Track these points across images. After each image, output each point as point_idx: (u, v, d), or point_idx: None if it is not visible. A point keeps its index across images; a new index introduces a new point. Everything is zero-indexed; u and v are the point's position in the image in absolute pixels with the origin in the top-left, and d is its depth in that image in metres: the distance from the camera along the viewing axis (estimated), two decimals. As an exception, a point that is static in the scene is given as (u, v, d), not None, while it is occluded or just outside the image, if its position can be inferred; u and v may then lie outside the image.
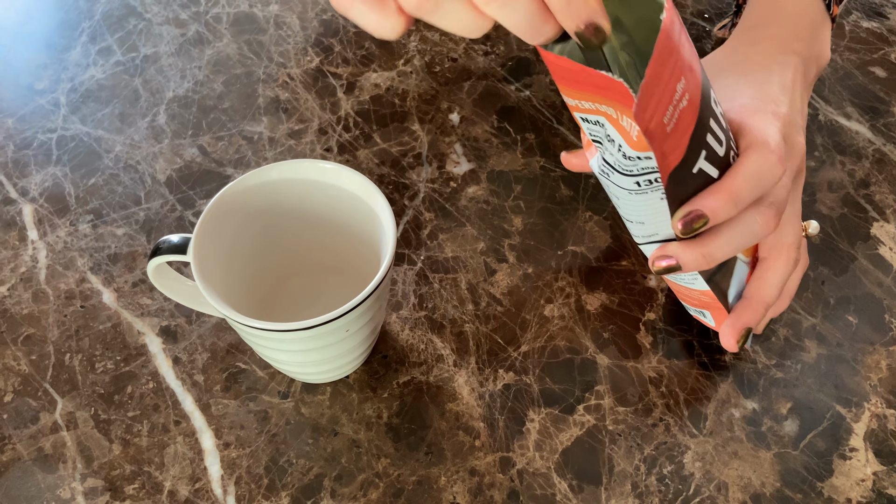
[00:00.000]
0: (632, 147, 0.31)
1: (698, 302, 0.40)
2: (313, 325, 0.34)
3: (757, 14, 0.47)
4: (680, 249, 0.35)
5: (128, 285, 0.46)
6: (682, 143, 0.31)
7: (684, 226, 0.33)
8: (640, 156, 0.31)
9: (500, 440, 0.41)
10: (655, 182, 0.33)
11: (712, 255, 0.35)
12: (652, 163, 0.32)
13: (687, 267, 0.35)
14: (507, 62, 0.58)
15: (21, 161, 0.52)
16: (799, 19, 0.46)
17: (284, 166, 0.38)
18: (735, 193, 0.33)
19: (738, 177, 0.34)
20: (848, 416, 0.42)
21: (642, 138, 0.30)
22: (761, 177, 0.34)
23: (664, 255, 0.35)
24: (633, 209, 0.36)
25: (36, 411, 0.42)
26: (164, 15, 0.61)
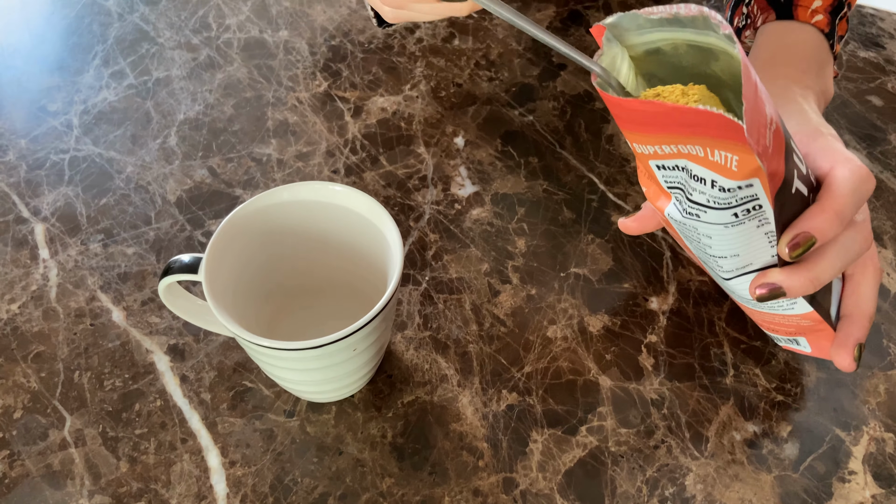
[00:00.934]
0: (731, 178, 0.31)
1: (794, 329, 0.40)
2: (321, 344, 0.34)
3: (766, 55, 0.48)
4: (784, 275, 0.35)
5: (137, 304, 0.47)
6: (781, 164, 0.31)
7: (792, 248, 0.33)
8: (740, 185, 0.31)
9: (503, 461, 0.41)
10: (755, 210, 0.33)
11: (819, 278, 0.35)
12: (753, 190, 0.32)
13: (793, 292, 0.35)
14: (510, 88, 0.59)
15: (34, 181, 0.53)
16: (807, 58, 0.47)
17: (294, 188, 0.39)
18: (839, 211, 0.34)
19: (839, 194, 0.34)
20: (847, 439, 0.42)
21: (745, 165, 0.30)
22: (859, 191, 0.35)
23: (767, 282, 0.35)
24: (728, 243, 0.35)
25: (45, 428, 0.42)
26: (176, 39, 0.62)
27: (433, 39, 0.63)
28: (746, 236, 0.34)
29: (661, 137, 0.31)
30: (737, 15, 0.54)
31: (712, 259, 0.37)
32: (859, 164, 0.36)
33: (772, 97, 0.43)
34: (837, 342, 0.38)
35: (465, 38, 0.63)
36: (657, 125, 0.30)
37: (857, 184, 0.35)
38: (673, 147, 0.32)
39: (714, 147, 0.30)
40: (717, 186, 0.32)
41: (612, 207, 0.52)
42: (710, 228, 0.35)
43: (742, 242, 0.35)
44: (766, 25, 0.50)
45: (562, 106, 0.58)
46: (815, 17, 0.48)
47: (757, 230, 0.34)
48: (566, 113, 0.58)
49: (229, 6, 0.65)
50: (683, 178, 0.33)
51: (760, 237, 0.34)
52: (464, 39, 0.63)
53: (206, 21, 0.64)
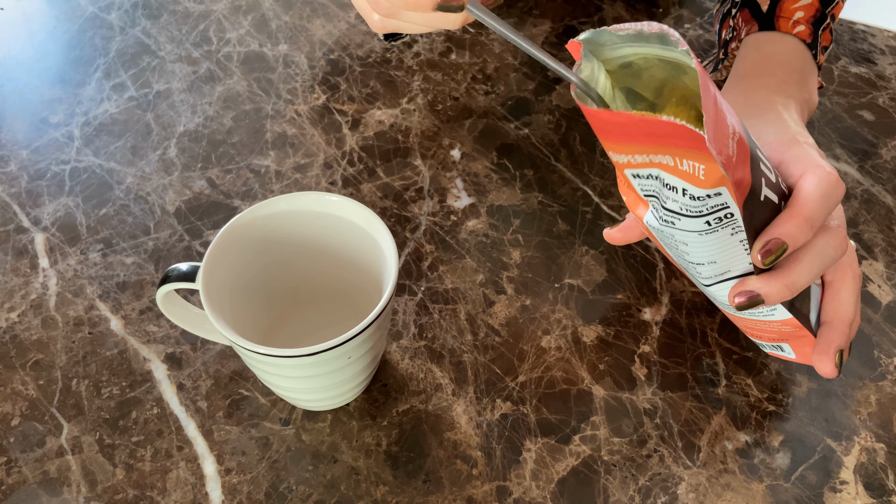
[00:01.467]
0: (700, 186, 0.32)
1: (777, 335, 0.41)
2: (316, 351, 0.35)
3: (748, 65, 0.49)
4: (761, 283, 0.35)
5: (135, 313, 0.47)
6: (746, 173, 0.32)
7: (764, 255, 0.34)
8: (709, 193, 0.32)
9: (497, 469, 0.41)
10: (726, 218, 0.33)
11: (795, 284, 0.35)
12: (722, 198, 0.32)
13: (770, 299, 0.35)
14: (506, 101, 0.60)
15: (34, 191, 0.54)
16: (788, 67, 0.48)
17: (291, 198, 0.40)
18: (808, 216, 0.34)
19: (807, 200, 0.35)
20: (838, 449, 0.42)
21: (711, 174, 0.31)
22: (828, 196, 0.35)
23: (745, 290, 0.35)
24: (703, 250, 0.36)
25: (42, 435, 0.42)
26: (177, 53, 0.63)
27: (430, 53, 0.64)
28: (721, 244, 0.35)
29: (634, 147, 0.32)
30: (724, 28, 0.55)
31: (692, 266, 0.38)
32: (829, 171, 0.36)
33: (752, 107, 0.44)
34: (819, 349, 0.39)
35: (462, 53, 0.64)
36: (628, 135, 0.31)
37: (827, 189, 0.36)
38: (645, 157, 0.32)
39: (682, 157, 0.31)
40: (687, 195, 0.33)
41: (607, 219, 0.53)
42: (686, 236, 0.35)
43: (718, 250, 0.35)
44: (749, 37, 0.51)
45: (557, 119, 0.59)
46: (797, 27, 0.49)
47: (731, 238, 0.34)
48: (561, 126, 0.58)
49: (230, 20, 0.66)
50: (657, 187, 0.34)
51: (736, 245, 0.35)
52: (461, 54, 0.64)
53: (206, 35, 0.65)
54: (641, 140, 0.31)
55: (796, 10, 0.50)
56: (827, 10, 0.50)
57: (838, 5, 0.51)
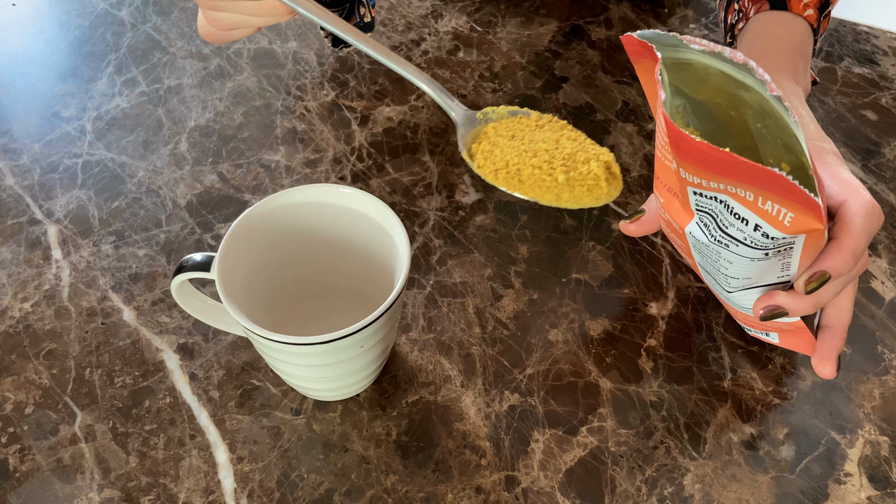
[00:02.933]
0: (779, 230, 0.32)
1: (771, 326, 0.41)
2: (330, 339, 0.35)
3: (760, 45, 0.49)
4: (790, 299, 0.37)
5: (147, 304, 0.48)
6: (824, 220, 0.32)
7: (808, 284, 0.36)
8: (786, 237, 0.33)
9: (505, 459, 0.42)
10: (785, 251, 0.34)
11: (821, 303, 0.37)
12: (794, 239, 0.33)
13: (795, 313, 0.37)
14: (514, 99, 0.61)
15: (47, 184, 0.54)
16: (798, 52, 0.48)
17: (307, 190, 0.40)
18: (855, 251, 0.36)
19: (855, 235, 0.36)
20: (843, 442, 0.43)
21: (799, 225, 0.31)
22: (872, 230, 0.37)
23: (772, 304, 0.37)
24: (746, 270, 0.37)
25: (56, 423, 0.43)
26: (188, 49, 0.64)
27: (438, 52, 0.64)
28: (766, 267, 0.36)
29: (716, 177, 0.31)
30: (730, 12, 0.55)
31: (723, 276, 0.38)
32: (869, 199, 0.37)
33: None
34: (822, 353, 0.40)
35: (470, 51, 0.64)
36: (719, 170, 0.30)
37: (872, 222, 0.37)
38: (722, 185, 0.32)
39: (769, 199, 0.31)
40: (760, 231, 0.33)
41: (613, 215, 0.53)
42: (735, 258, 0.36)
43: (759, 271, 0.36)
44: (760, 14, 0.51)
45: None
46: (807, 10, 0.50)
47: (778, 263, 0.36)
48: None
49: (240, 18, 0.67)
50: (720, 210, 0.34)
51: (776, 266, 0.36)
52: (468, 52, 0.64)
53: (217, 32, 0.65)
54: (732, 177, 0.31)
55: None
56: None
57: None
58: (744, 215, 0.33)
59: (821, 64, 0.63)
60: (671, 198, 0.37)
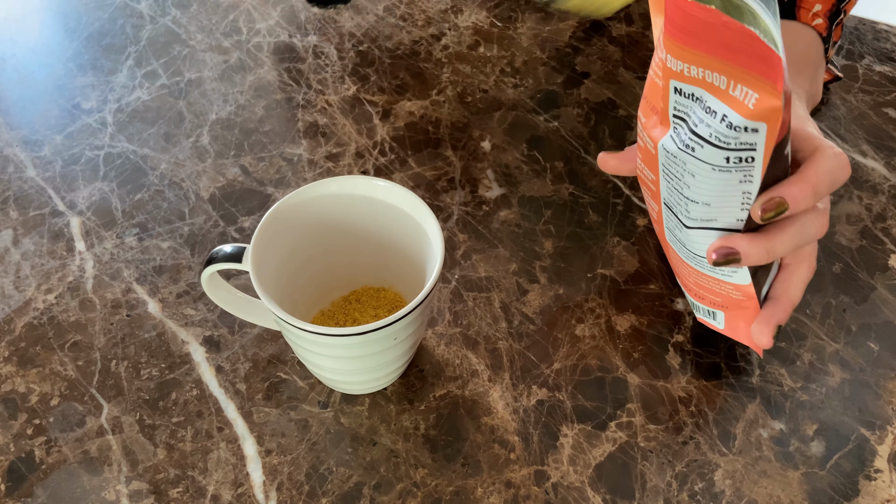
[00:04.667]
0: (743, 115, 0.32)
1: (721, 300, 0.41)
2: (365, 331, 0.35)
3: None
4: (745, 242, 0.36)
5: (172, 296, 0.48)
6: (788, 118, 0.32)
7: (764, 210, 0.35)
8: (748, 126, 0.32)
9: (534, 454, 0.42)
10: (746, 161, 0.34)
11: (774, 251, 0.36)
12: (755, 137, 0.32)
13: (748, 260, 0.36)
14: (535, 94, 0.61)
15: (69, 176, 0.54)
16: (805, 60, 0.49)
17: (340, 181, 0.40)
18: (816, 186, 0.35)
19: (818, 170, 0.36)
20: (872, 438, 0.43)
21: (761, 105, 0.31)
22: (835, 175, 0.36)
23: (727, 245, 0.36)
24: (707, 188, 0.36)
25: (82, 415, 0.43)
26: (208, 42, 0.64)
27: (459, 46, 0.64)
28: (726, 186, 0.35)
29: (696, 55, 0.32)
30: None
31: (684, 201, 0.38)
32: (840, 152, 0.37)
33: None
34: (761, 320, 0.40)
35: (490, 46, 0.64)
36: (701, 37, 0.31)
37: (836, 166, 0.36)
38: (700, 71, 0.32)
39: (738, 80, 0.31)
40: (725, 122, 0.33)
41: (637, 211, 0.53)
42: (698, 167, 0.35)
43: (720, 192, 0.36)
44: None
45: (586, 113, 0.59)
46: (816, 20, 0.50)
47: (738, 185, 0.35)
48: (590, 119, 0.59)
49: (259, 11, 0.67)
50: (694, 109, 0.34)
51: (737, 195, 0.35)
52: (489, 47, 0.64)
53: (236, 25, 0.65)
54: (711, 48, 0.31)
55: (815, 3, 0.50)
56: (841, 4, 0.51)
57: (851, 1, 0.52)
58: (714, 107, 0.33)
59: (842, 62, 0.63)
60: (652, 115, 0.38)
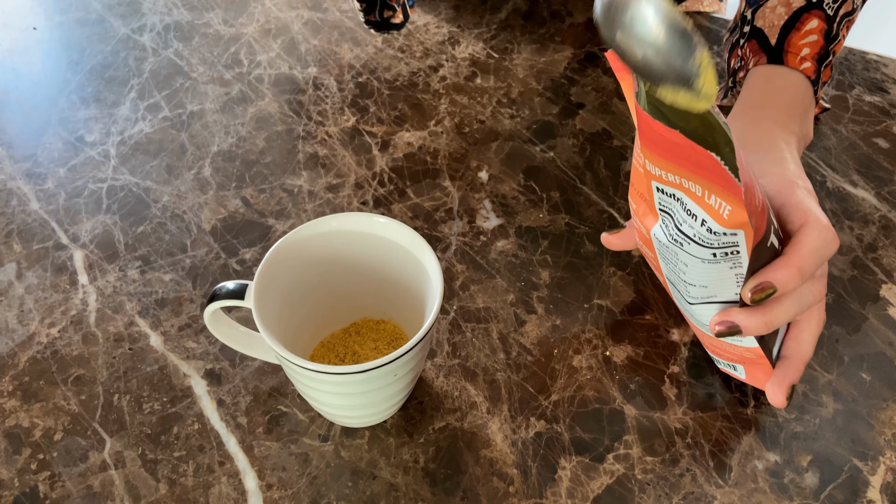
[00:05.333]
0: (720, 224, 0.34)
1: (737, 357, 0.43)
2: (365, 369, 0.36)
3: (754, 97, 0.51)
4: (743, 316, 0.38)
5: (174, 329, 0.48)
6: (764, 220, 0.35)
7: (754, 294, 0.37)
8: (726, 232, 0.35)
9: (533, 487, 0.42)
10: (732, 254, 0.36)
11: (772, 323, 0.38)
12: (736, 238, 0.35)
13: (748, 332, 0.38)
14: (531, 125, 0.62)
15: (72, 209, 0.55)
16: (794, 103, 0.50)
17: (342, 218, 0.41)
18: (802, 268, 0.37)
19: (805, 253, 0.37)
20: (865, 469, 0.43)
21: (735, 217, 0.33)
22: (822, 252, 0.38)
23: (727, 320, 0.38)
24: (700, 275, 0.38)
25: (85, 450, 0.43)
26: (210, 74, 0.65)
27: (456, 78, 0.65)
28: (718, 273, 0.37)
29: (671, 166, 0.34)
30: (733, 57, 0.57)
31: (683, 283, 0.40)
32: (827, 225, 0.39)
33: (756, 140, 0.47)
34: (775, 381, 0.41)
35: (487, 77, 0.65)
36: (671, 153, 0.33)
37: (823, 244, 0.38)
38: (677, 178, 0.34)
39: (712, 192, 0.33)
40: (705, 226, 0.35)
41: (633, 242, 0.54)
42: (689, 259, 0.38)
43: (713, 277, 0.38)
44: (757, 68, 0.53)
45: (581, 143, 0.60)
46: (804, 63, 0.51)
47: (729, 270, 0.37)
48: (585, 150, 0.60)
49: (260, 44, 0.68)
50: (677, 208, 0.36)
51: (730, 276, 0.37)
52: (485, 78, 0.65)
53: (237, 57, 0.66)
54: (681, 163, 0.33)
55: (803, 47, 0.52)
56: (830, 46, 0.52)
57: (839, 42, 0.53)
58: (694, 211, 0.35)
59: (832, 92, 0.64)
60: (641, 203, 0.40)
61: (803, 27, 0.52)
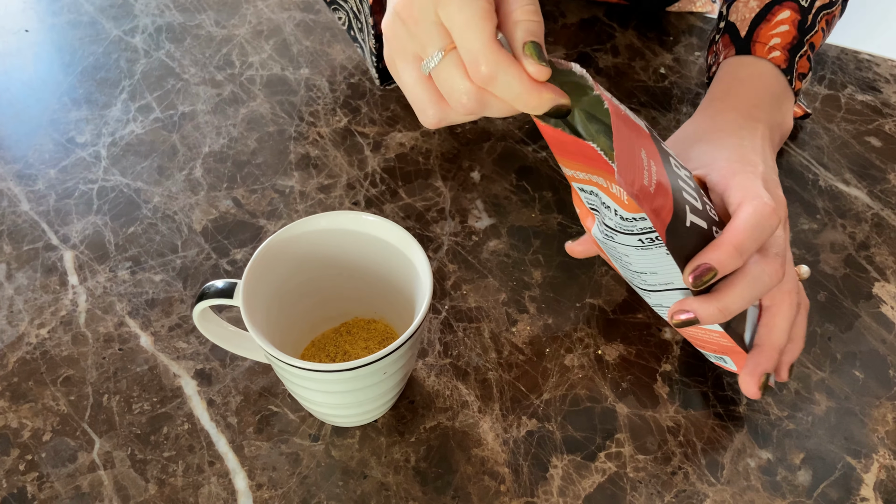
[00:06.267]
0: (626, 209, 0.35)
1: (718, 347, 0.42)
2: (354, 366, 0.36)
3: (718, 88, 0.51)
4: (697, 304, 0.37)
5: (164, 329, 0.48)
6: (668, 202, 0.34)
7: (695, 279, 0.36)
8: (635, 217, 0.35)
9: (524, 485, 0.42)
10: (656, 240, 0.36)
11: (728, 309, 0.37)
12: (648, 223, 0.35)
13: (705, 321, 0.37)
14: (524, 125, 0.62)
15: (63, 210, 0.54)
16: (759, 92, 0.50)
17: (331, 216, 0.41)
18: (738, 245, 0.36)
19: (739, 229, 0.37)
20: (858, 466, 0.43)
21: (633, 201, 0.33)
22: (760, 226, 0.37)
23: (682, 309, 0.38)
24: (644, 263, 0.38)
25: (74, 451, 0.43)
26: (201, 76, 0.65)
27: (449, 78, 0.65)
28: (658, 259, 0.37)
29: (573, 164, 0.35)
30: (710, 53, 0.57)
31: (636, 274, 0.40)
32: (764, 201, 0.38)
33: (716, 130, 0.46)
34: (745, 370, 0.41)
35: (480, 78, 0.65)
36: (569, 153, 0.34)
37: (759, 219, 0.37)
38: (585, 175, 0.35)
39: (610, 181, 0.33)
40: (618, 215, 0.35)
41: (625, 240, 0.54)
42: (625, 249, 0.38)
43: (656, 264, 0.38)
44: (726, 60, 0.53)
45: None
46: (772, 53, 0.51)
47: (666, 256, 0.36)
48: (578, 150, 0.60)
49: (252, 45, 0.68)
50: (597, 203, 0.37)
51: (671, 262, 0.37)
52: (478, 79, 0.65)
53: (229, 59, 0.66)
54: (577, 158, 0.34)
55: (773, 37, 0.52)
56: (805, 38, 0.52)
57: (817, 34, 0.53)
58: (607, 202, 0.35)
59: (824, 91, 0.65)
60: (580, 204, 0.40)
61: (774, 18, 0.52)
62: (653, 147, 0.35)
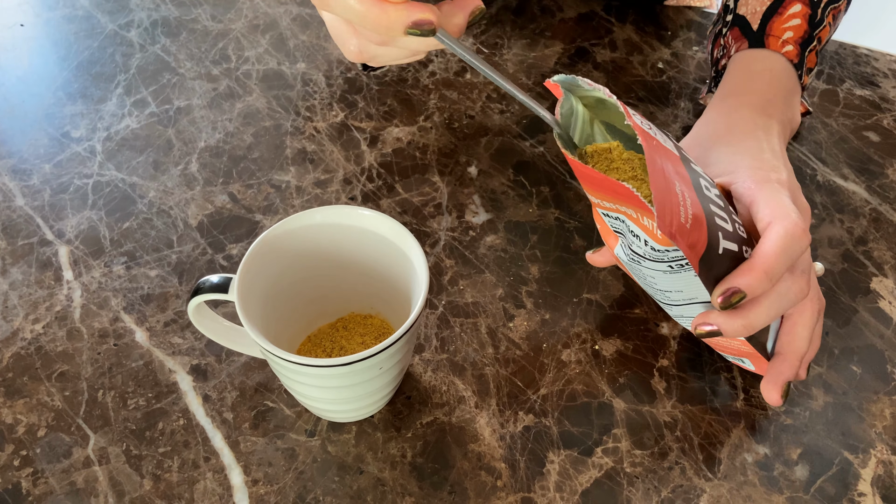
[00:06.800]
0: (658, 243, 0.35)
1: (737, 352, 0.43)
2: (350, 361, 0.35)
3: (732, 83, 0.50)
4: (722, 319, 0.37)
5: (160, 325, 0.48)
6: (702, 234, 0.34)
7: (723, 300, 0.36)
8: (667, 249, 0.35)
9: (521, 481, 0.42)
10: (686, 265, 0.36)
11: (752, 325, 0.37)
12: (680, 253, 0.35)
13: (729, 335, 0.38)
14: (521, 120, 0.61)
15: (57, 205, 0.54)
16: (772, 87, 0.49)
17: (326, 211, 0.40)
18: (769, 270, 0.36)
19: (769, 253, 0.36)
20: (855, 461, 0.43)
21: (669, 239, 0.33)
22: (790, 250, 0.37)
23: (707, 322, 0.38)
24: (670, 283, 0.38)
25: (69, 446, 0.43)
26: (197, 70, 0.64)
27: (446, 73, 0.65)
28: (686, 280, 0.37)
29: (603, 196, 0.35)
30: (716, 47, 0.57)
31: (659, 292, 0.40)
32: (794, 222, 0.37)
33: (733, 130, 0.46)
34: (768, 378, 0.41)
35: (477, 73, 0.65)
36: (596, 187, 0.34)
37: (789, 243, 0.37)
38: (613, 204, 0.35)
39: (643, 214, 0.34)
40: (648, 245, 0.36)
41: (622, 236, 0.54)
42: (652, 273, 0.38)
43: (683, 284, 0.38)
44: (738, 53, 0.52)
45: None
46: (786, 47, 0.51)
47: (695, 279, 0.36)
48: (575, 145, 0.59)
49: (248, 39, 0.67)
50: (624, 229, 0.37)
51: (700, 283, 0.37)
52: (475, 73, 0.65)
53: (225, 53, 0.66)
54: (608, 194, 0.34)
55: (786, 31, 0.51)
56: (814, 32, 0.52)
57: (825, 29, 0.53)
58: (636, 232, 0.36)
59: (822, 86, 0.64)
60: (601, 221, 0.40)
61: (786, 12, 0.52)
62: (684, 171, 0.35)
